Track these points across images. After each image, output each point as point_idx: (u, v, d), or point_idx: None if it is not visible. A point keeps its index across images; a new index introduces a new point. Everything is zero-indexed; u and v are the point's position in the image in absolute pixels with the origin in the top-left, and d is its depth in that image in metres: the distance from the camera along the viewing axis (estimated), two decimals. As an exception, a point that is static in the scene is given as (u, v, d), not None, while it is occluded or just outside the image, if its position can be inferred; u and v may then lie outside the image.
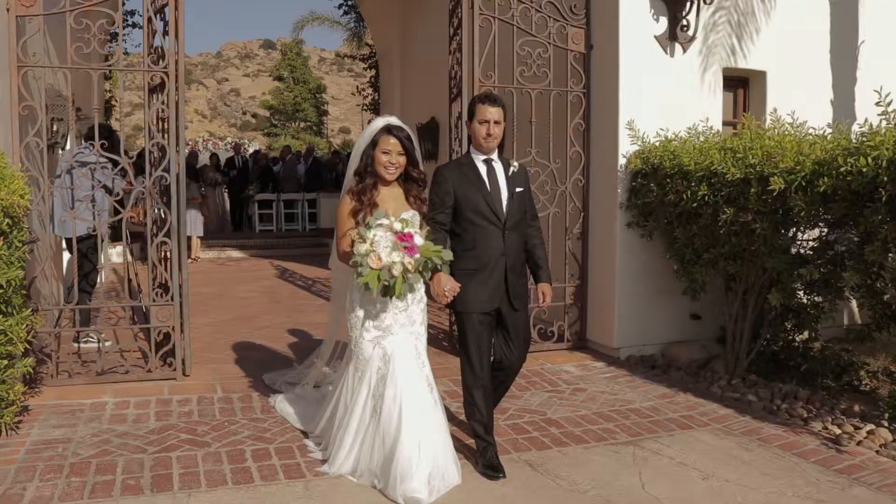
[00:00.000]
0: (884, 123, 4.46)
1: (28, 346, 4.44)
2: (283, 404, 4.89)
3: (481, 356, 4.07)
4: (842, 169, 4.35)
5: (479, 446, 4.10)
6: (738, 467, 4.16)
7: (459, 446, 4.17)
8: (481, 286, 4.00)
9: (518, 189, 4.14)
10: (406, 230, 3.66)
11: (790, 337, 5.98)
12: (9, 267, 3.96)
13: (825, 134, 4.98)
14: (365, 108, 16.32)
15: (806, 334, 5.94)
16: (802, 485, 3.95)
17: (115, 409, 4.89)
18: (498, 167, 4.14)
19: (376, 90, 14.19)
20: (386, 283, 3.60)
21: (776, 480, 4.00)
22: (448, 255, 3.76)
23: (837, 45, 7.03)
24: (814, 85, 6.87)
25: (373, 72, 15.46)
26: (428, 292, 4.05)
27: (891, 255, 4.40)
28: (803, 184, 4.60)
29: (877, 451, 4.40)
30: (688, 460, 4.25)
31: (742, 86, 6.97)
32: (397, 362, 3.81)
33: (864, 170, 4.22)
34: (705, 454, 4.34)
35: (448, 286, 3.85)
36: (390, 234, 3.65)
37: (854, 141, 4.46)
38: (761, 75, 6.80)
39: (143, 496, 3.62)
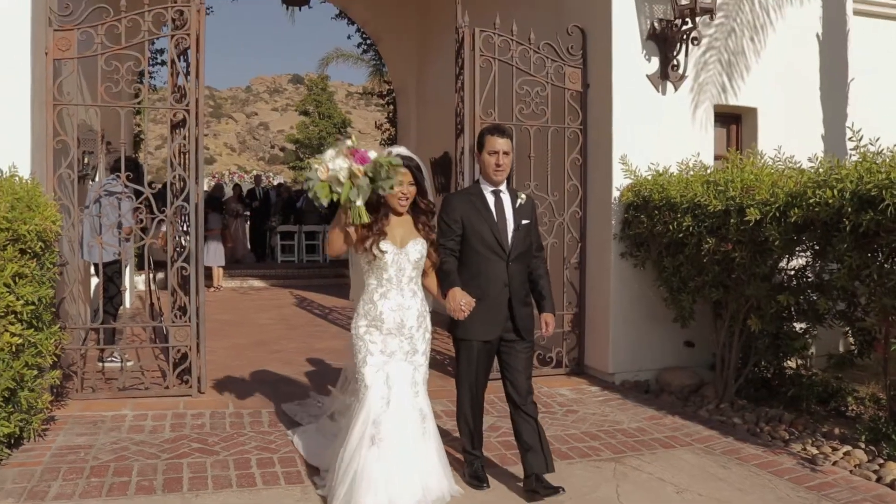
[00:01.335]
0: (853, 158, 4.75)
1: (56, 360, 4.84)
2: (298, 438, 4.88)
3: (477, 383, 4.21)
4: (811, 200, 4.64)
5: (466, 459, 4.36)
6: (714, 483, 4.40)
7: (451, 459, 4.44)
8: (483, 315, 4.04)
9: (524, 221, 4.22)
10: (360, 149, 3.65)
11: (780, 363, 6.20)
12: (40, 285, 4.36)
13: (802, 168, 5.25)
14: (383, 142, 16.80)
15: (794, 361, 6.17)
16: (773, 500, 4.18)
17: (134, 420, 5.26)
18: (506, 198, 4.24)
19: (394, 126, 14.66)
20: (336, 195, 3.58)
21: (748, 495, 4.23)
22: (398, 160, 3.72)
23: (827, 83, 7.33)
24: (805, 121, 7.17)
25: (391, 108, 15.96)
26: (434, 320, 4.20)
27: (858, 282, 4.67)
28: (777, 214, 4.89)
29: (850, 471, 4.59)
30: (666, 476, 4.50)
31: (735, 122, 7.29)
32: (394, 392, 3.85)
33: (830, 201, 4.51)
34: (683, 471, 4.58)
35: (463, 301, 3.91)
36: (342, 148, 3.66)
37: (822, 174, 4.74)
38: (752, 112, 7.12)
39: (155, 495, 3.97)
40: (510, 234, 4.17)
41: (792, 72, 7.16)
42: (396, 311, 3.93)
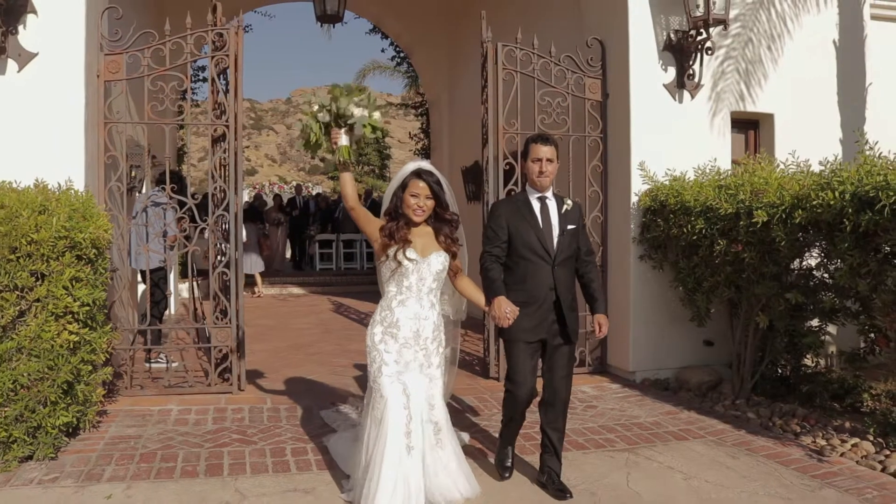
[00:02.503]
0: (859, 160, 4.96)
1: (108, 358, 5.26)
2: (333, 443, 4.90)
3: (524, 382, 4.24)
4: (814, 202, 4.85)
5: (499, 455, 4.54)
6: (721, 471, 4.63)
7: (473, 451, 4.70)
8: (528, 317, 4.15)
9: (570, 226, 4.31)
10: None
11: (798, 361, 6.37)
12: (94, 289, 4.77)
13: (811, 171, 5.44)
14: (417, 152, 17.22)
15: (811, 359, 6.34)
16: (776, 486, 4.40)
17: (179, 414, 5.67)
18: (551, 204, 4.34)
19: (428, 136, 15.06)
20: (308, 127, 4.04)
21: (752, 482, 4.45)
22: (362, 92, 4.06)
23: (845, 87, 7.48)
24: (822, 125, 7.31)
25: (424, 118, 16.39)
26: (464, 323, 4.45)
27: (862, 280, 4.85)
28: (783, 216, 5.10)
29: (857, 462, 4.77)
30: (675, 465, 4.73)
31: (753, 127, 7.48)
32: (412, 402, 3.90)
33: (832, 202, 4.72)
34: (693, 460, 4.82)
35: (508, 309, 4.00)
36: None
37: (825, 176, 4.95)
38: (769, 117, 7.31)
39: (198, 479, 4.36)
40: (555, 239, 4.27)
41: (809, 78, 7.32)
42: (413, 321, 4.01)
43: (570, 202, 4.38)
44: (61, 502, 3.98)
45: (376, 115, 4.06)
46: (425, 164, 4.17)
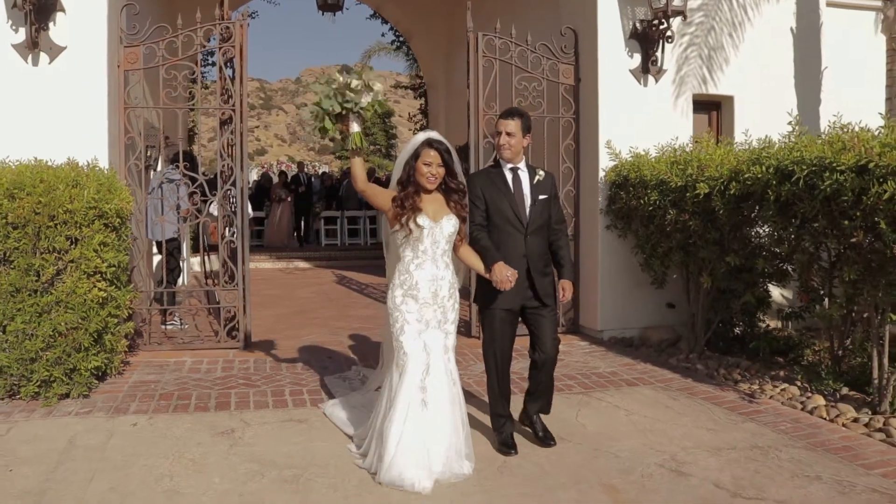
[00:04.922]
0: (792, 138, 5.64)
1: (129, 314, 6.03)
2: (332, 409, 5.13)
3: (502, 349, 4.47)
4: (745, 175, 5.53)
5: (495, 424, 4.59)
6: (660, 409, 5.35)
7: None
8: None
9: (542, 196, 4.49)
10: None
11: (752, 321, 7.06)
12: (119, 252, 5.53)
13: (750, 147, 6.10)
14: (416, 131, 17.96)
15: (761, 318, 7.03)
16: (705, 420, 5.12)
17: (192, 365, 6.46)
18: (524, 175, 4.51)
19: (426, 116, 15.75)
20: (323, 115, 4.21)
21: (685, 417, 5.17)
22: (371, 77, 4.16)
23: (802, 71, 8.13)
24: (779, 106, 7.80)
25: (423, 100, 17.07)
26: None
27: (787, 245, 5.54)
28: (722, 188, 5.78)
29: (782, 403, 5.48)
30: (621, 404, 5.46)
31: (715, 108, 8.14)
32: (432, 358, 4.09)
33: (759, 175, 5.40)
34: (637, 401, 5.54)
35: (509, 273, 4.17)
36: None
37: (756, 152, 5.63)
38: (730, 99, 7.97)
39: (209, 412, 5.13)
40: (528, 209, 4.45)
41: (767, 62, 7.98)
42: (431, 282, 4.16)
43: (542, 173, 4.57)
44: (95, 428, 4.75)
45: (377, 86, 4.16)
46: (434, 134, 4.30)
